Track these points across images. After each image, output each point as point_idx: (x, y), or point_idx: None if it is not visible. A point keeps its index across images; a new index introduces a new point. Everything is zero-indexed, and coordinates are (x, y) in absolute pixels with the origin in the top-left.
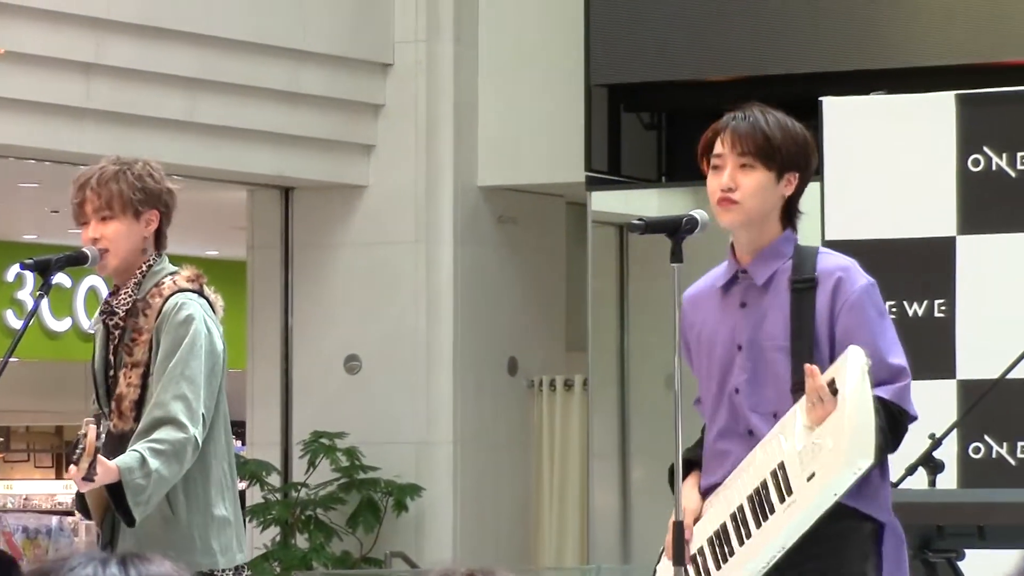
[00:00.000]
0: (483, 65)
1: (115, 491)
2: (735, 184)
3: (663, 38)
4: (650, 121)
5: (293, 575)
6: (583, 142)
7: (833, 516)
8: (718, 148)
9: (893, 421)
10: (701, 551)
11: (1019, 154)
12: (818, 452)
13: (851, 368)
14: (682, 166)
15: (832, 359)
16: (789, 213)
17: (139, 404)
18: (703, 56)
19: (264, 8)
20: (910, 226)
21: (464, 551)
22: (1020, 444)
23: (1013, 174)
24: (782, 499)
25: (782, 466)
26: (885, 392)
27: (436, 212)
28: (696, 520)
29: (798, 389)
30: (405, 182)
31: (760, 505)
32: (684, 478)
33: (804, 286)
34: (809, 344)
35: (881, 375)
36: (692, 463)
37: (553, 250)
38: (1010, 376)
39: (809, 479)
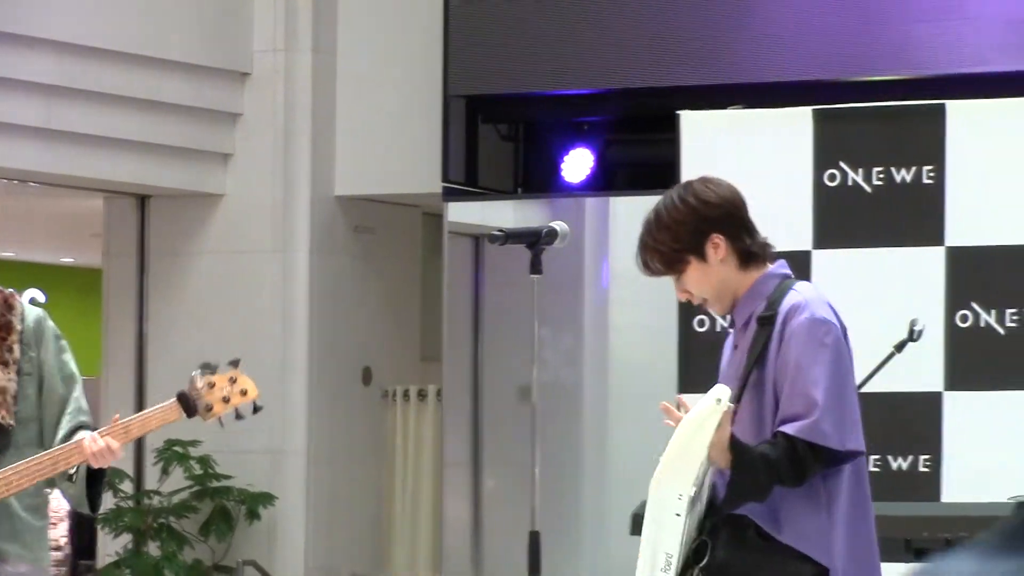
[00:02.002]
0: (341, 75)
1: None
2: (686, 296)
3: (521, 50)
4: (507, 133)
5: None
6: (440, 153)
7: (772, 551)
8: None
9: (795, 456)
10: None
11: (875, 169)
12: (661, 467)
13: (703, 400)
14: (538, 177)
15: (777, 394)
16: (746, 257)
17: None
18: (561, 69)
19: (123, 16)
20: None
21: (316, 560)
22: (873, 457)
23: (869, 189)
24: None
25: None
26: (790, 428)
27: (293, 221)
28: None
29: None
30: (262, 191)
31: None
32: None
33: (766, 322)
34: (746, 380)
35: (793, 409)
36: None
37: (409, 260)
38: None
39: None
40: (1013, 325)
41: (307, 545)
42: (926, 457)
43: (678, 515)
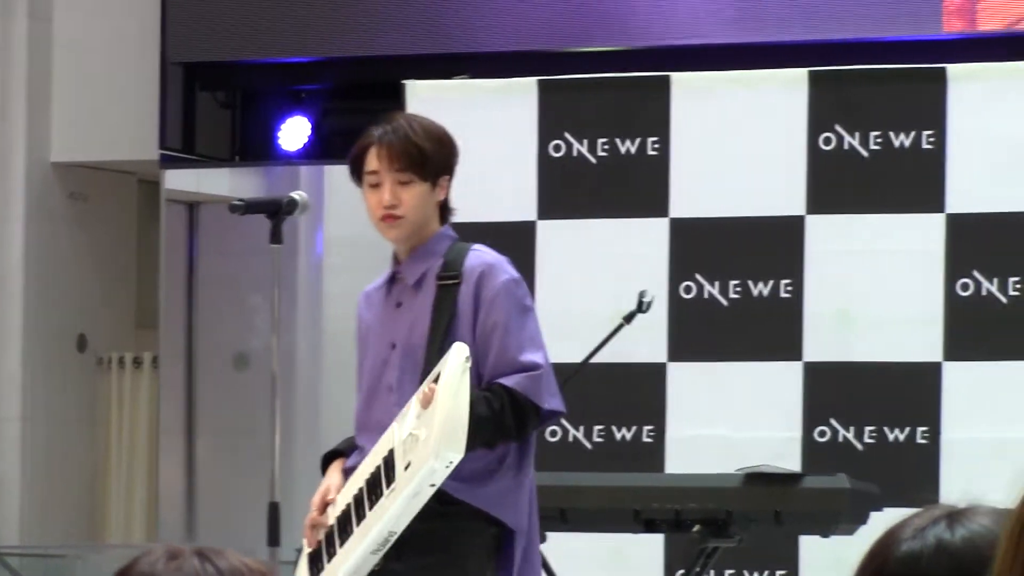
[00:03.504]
0: (57, 41)
1: None
2: (397, 201)
3: (239, 18)
4: (225, 100)
5: None
6: (157, 120)
7: (455, 516)
8: (372, 164)
9: (519, 410)
10: (331, 531)
11: (600, 140)
12: (414, 443)
13: (450, 363)
14: (256, 146)
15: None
16: (444, 212)
17: None
18: (281, 36)
19: None
20: (490, 211)
21: (31, 527)
22: (597, 428)
23: (594, 160)
24: (388, 485)
25: (391, 453)
26: (510, 381)
27: (6, 188)
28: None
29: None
30: None
31: (373, 489)
32: (331, 464)
33: (449, 283)
34: (442, 341)
35: (510, 369)
36: (341, 452)
37: (125, 227)
38: (594, 361)
39: (406, 468)
40: (736, 296)
41: (22, 512)
42: (650, 428)
43: (433, 485)
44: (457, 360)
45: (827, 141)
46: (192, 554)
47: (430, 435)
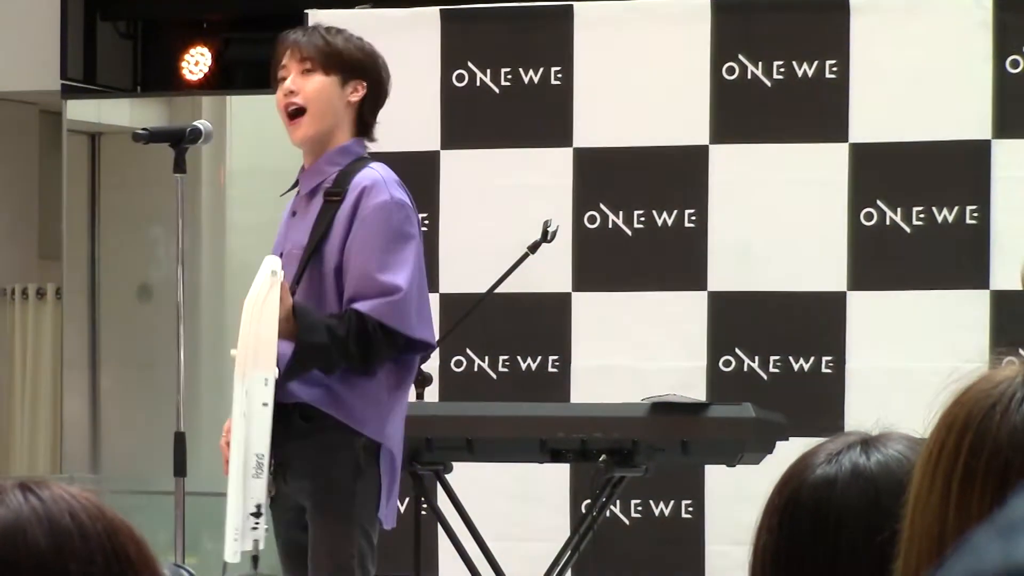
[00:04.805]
0: None
1: None
2: (297, 88)
3: None
4: (126, 31)
5: None
6: (58, 50)
7: (321, 430)
8: (283, 61)
9: (366, 337)
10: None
11: (503, 70)
12: (238, 358)
13: (257, 279)
14: (157, 76)
15: (341, 269)
16: (361, 124)
17: None
18: None
19: None
20: (393, 141)
21: None
22: (502, 358)
23: (497, 90)
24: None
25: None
26: (364, 305)
27: None
28: None
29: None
30: None
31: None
32: None
33: (334, 198)
34: (311, 255)
35: (369, 291)
36: None
37: (26, 159)
38: (499, 291)
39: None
40: (640, 226)
41: None
42: (555, 358)
43: (265, 404)
44: (264, 273)
45: (730, 71)
46: (14, 487)
47: (240, 354)
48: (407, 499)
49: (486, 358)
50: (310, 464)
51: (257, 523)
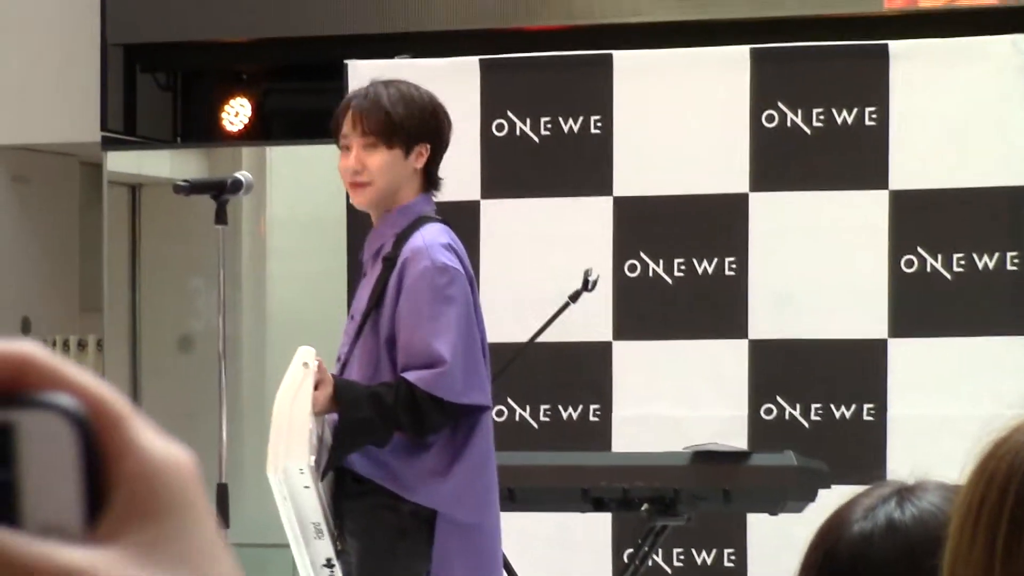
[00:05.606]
0: None
1: None
2: (360, 166)
3: None
4: (166, 82)
5: None
6: (98, 102)
7: (372, 491)
8: (344, 128)
9: (415, 406)
10: None
11: (543, 119)
12: (270, 449)
13: (290, 369)
14: (196, 127)
15: (394, 340)
16: (428, 181)
17: None
18: (221, 16)
19: None
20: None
21: None
22: (543, 407)
23: (537, 139)
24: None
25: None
26: (413, 375)
27: None
28: None
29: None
30: None
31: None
32: None
33: (389, 263)
34: (363, 324)
35: (415, 360)
36: None
37: (67, 210)
38: (540, 340)
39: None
40: (681, 275)
41: None
42: (596, 407)
43: (307, 487)
44: (296, 365)
45: (770, 118)
46: None
47: (271, 447)
48: None
49: (527, 407)
50: (357, 524)
51: (332, 573)
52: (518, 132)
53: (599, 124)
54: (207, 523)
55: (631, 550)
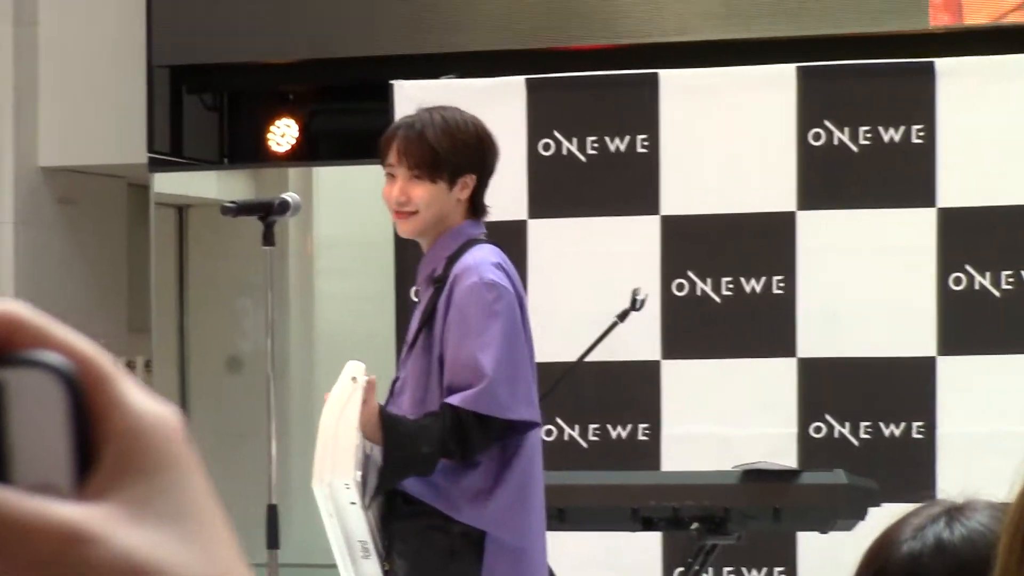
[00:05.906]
0: (43, 45)
1: None
2: (406, 198)
3: (226, 19)
4: (212, 103)
5: None
6: (145, 123)
7: (422, 513)
8: (390, 158)
9: (462, 430)
10: None
11: (589, 139)
12: (315, 464)
13: (338, 383)
14: (243, 148)
15: (443, 359)
16: (474, 209)
17: None
18: (267, 38)
19: None
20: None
21: None
22: (592, 427)
23: (583, 158)
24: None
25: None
26: (455, 399)
27: None
28: None
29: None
30: None
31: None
32: None
33: (439, 285)
34: (413, 345)
35: (459, 380)
36: None
37: (114, 232)
38: (588, 359)
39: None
40: (729, 294)
41: None
42: (645, 426)
43: (353, 503)
44: (344, 380)
45: (816, 137)
46: None
47: (317, 461)
48: None
49: (576, 427)
50: (407, 545)
51: None
52: (565, 152)
53: (646, 143)
54: (196, 479)
55: (681, 569)
